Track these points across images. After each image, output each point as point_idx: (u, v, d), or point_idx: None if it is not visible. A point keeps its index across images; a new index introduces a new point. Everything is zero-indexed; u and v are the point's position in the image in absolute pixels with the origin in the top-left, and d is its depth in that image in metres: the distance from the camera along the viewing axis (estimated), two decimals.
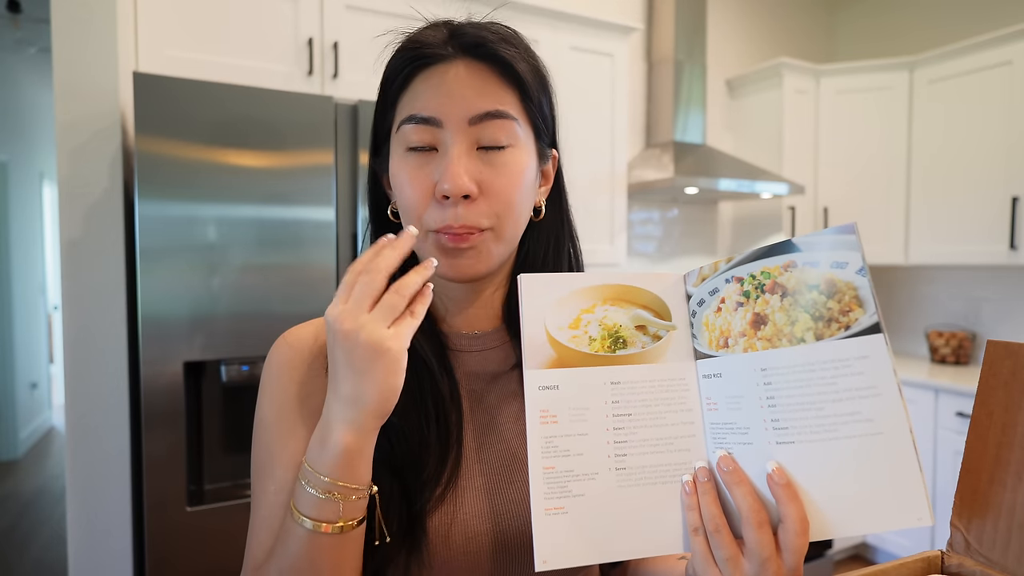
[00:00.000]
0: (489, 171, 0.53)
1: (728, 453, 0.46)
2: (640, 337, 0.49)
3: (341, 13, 1.84)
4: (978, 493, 0.46)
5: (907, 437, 0.40)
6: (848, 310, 0.42)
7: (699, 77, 2.84)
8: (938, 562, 0.48)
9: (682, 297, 0.50)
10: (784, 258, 0.45)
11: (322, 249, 1.57)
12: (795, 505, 0.42)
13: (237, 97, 1.46)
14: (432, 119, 0.53)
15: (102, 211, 1.54)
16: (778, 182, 2.66)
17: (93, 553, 1.53)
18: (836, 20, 3.54)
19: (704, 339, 0.49)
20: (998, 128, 2.52)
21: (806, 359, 0.43)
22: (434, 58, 0.54)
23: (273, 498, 0.54)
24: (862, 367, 0.41)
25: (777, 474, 0.43)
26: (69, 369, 1.51)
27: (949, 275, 3.02)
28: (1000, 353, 0.46)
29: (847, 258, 0.42)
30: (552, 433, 0.46)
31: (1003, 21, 2.67)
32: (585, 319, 0.49)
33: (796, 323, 0.44)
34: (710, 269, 0.49)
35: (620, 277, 0.50)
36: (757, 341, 0.45)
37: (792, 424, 0.43)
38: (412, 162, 0.54)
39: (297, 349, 0.59)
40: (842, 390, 0.42)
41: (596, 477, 0.46)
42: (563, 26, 2.28)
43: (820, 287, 0.43)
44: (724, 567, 0.44)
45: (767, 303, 0.45)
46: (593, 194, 2.41)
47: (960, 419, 2.41)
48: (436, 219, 0.53)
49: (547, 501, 0.45)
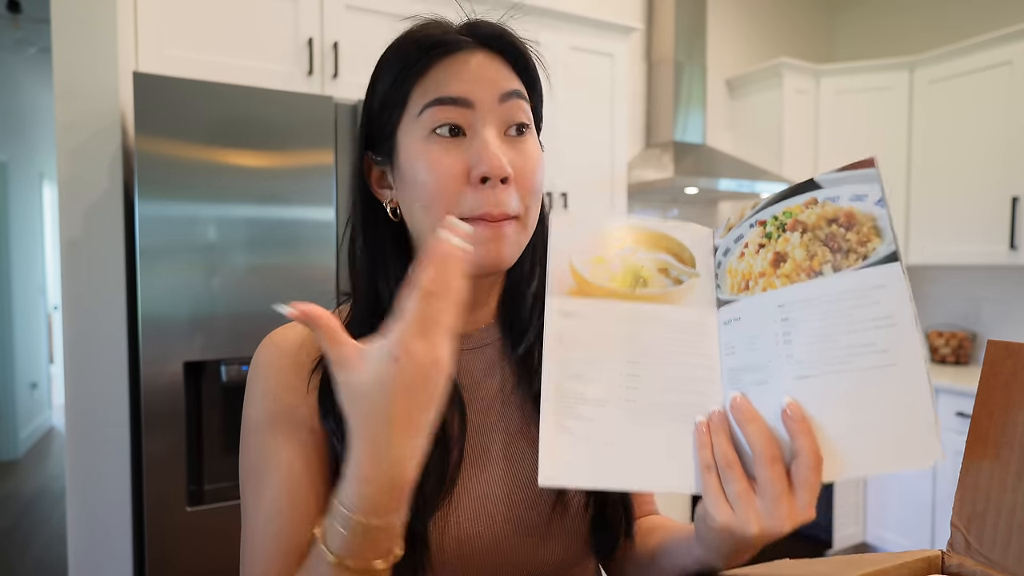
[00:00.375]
0: (517, 156, 0.53)
1: (742, 394, 0.45)
2: (661, 279, 0.49)
3: (341, 13, 1.84)
4: (978, 493, 0.46)
5: (921, 369, 0.39)
6: (866, 240, 0.42)
7: (699, 77, 2.84)
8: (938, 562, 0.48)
9: (709, 249, 0.50)
10: (806, 196, 0.45)
11: (322, 249, 1.57)
12: (808, 439, 0.41)
13: (237, 97, 1.46)
14: (463, 99, 0.52)
15: (102, 211, 1.54)
16: (778, 182, 2.66)
17: (93, 553, 1.53)
18: (836, 20, 3.53)
19: (726, 285, 0.48)
20: (998, 128, 2.52)
21: (822, 291, 0.43)
22: (454, 45, 0.53)
23: (270, 504, 0.52)
24: (879, 296, 0.41)
25: (791, 408, 0.42)
26: (69, 369, 1.51)
27: (949, 275, 3.02)
28: (1000, 353, 0.46)
29: (866, 191, 0.42)
30: (567, 356, 0.46)
31: (1003, 21, 2.67)
32: (610, 257, 0.49)
33: (815, 257, 0.44)
34: (736, 217, 0.49)
35: (650, 223, 0.50)
36: (776, 279, 0.45)
37: (807, 357, 0.43)
38: (438, 147, 0.52)
39: (284, 350, 0.57)
40: (857, 321, 0.41)
41: (606, 405, 0.46)
42: (563, 26, 2.28)
43: (840, 220, 0.43)
44: (736, 502, 0.43)
45: (788, 241, 0.45)
46: (593, 194, 2.41)
47: (960, 419, 2.41)
48: (472, 205, 0.51)
49: (555, 418, 0.45)
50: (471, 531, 0.54)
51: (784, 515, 0.42)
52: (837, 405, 0.42)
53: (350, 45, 1.85)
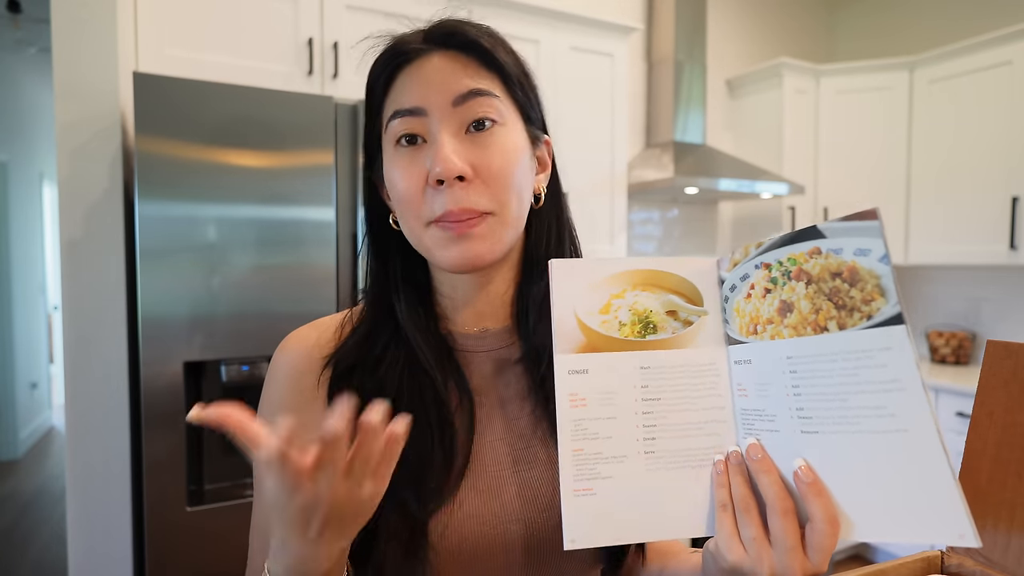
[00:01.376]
0: (480, 152, 0.53)
1: (757, 441, 0.45)
2: (671, 323, 0.49)
3: (341, 13, 1.84)
4: (978, 493, 0.46)
5: (935, 438, 0.38)
6: (870, 299, 0.41)
7: (699, 77, 2.84)
8: (938, 562, 0.48)
9: (715, 282, 0.50)
10: (809, 244, 0.45)
11: (322, 249, 1.57)
12: (822, 502, 0.41)
13: (237, 97, 1.46)
14: (416, 109, 0.53)
15: (102, 211, 1.54)
16: (778, 182, 2.66)
17: (93, 553, 1.53)
18: (836, 20, 3.53)
19: (735, 325, 0.48)
20: (998, 128, 2.52)
21: (829, 349, 0.42)
22: (412, 53, 0.54)
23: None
24: (885, 359, 0.40)
25: (803, 472, 0.42)
26: (69, 369, 1.51)
27: (949, 275, 3.02)
28: (1000, 353, 0.46)
29: (870, 245, 0.41)
30: (581, 416, 0.46)
31: (1003, 21, 2.67)
32: (615, 304, 0.49)
33: (820, 311, 0.43)
34: (741, 254, 0.49)
35: (651, 262, 0.50)
36: (784, 329, 0.45)
37: (816, 414, 0.42)
38: (404, 157, 0.54)
39: (298, 353, 0.59)
40: (864, 382, 0.41)
41: (625, 460, 0.46)
42: (563, 26, 2.28)
43: (843, 275, 0.42)
44: (750, 546, 0.43)
45: (793, 290, 0.45)
46: (593, 194, 2.41)
47: (960, 419, 2.41)
48: (434, 207, 0.52)
49: (576, 483, 0.45)
50: (475, 530, 0.54)
51: (796, 566, 0.42)
52: (849, 468, 0.41)
53: (350, 45, 1.85)
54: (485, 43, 0.54)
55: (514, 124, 0.56)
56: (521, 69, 0.58)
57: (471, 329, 0.61)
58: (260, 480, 0.47)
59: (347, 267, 1.62)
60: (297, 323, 0.62)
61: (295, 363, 0.58)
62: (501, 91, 0.55)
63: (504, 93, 0.55)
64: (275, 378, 0.59)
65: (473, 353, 0.60)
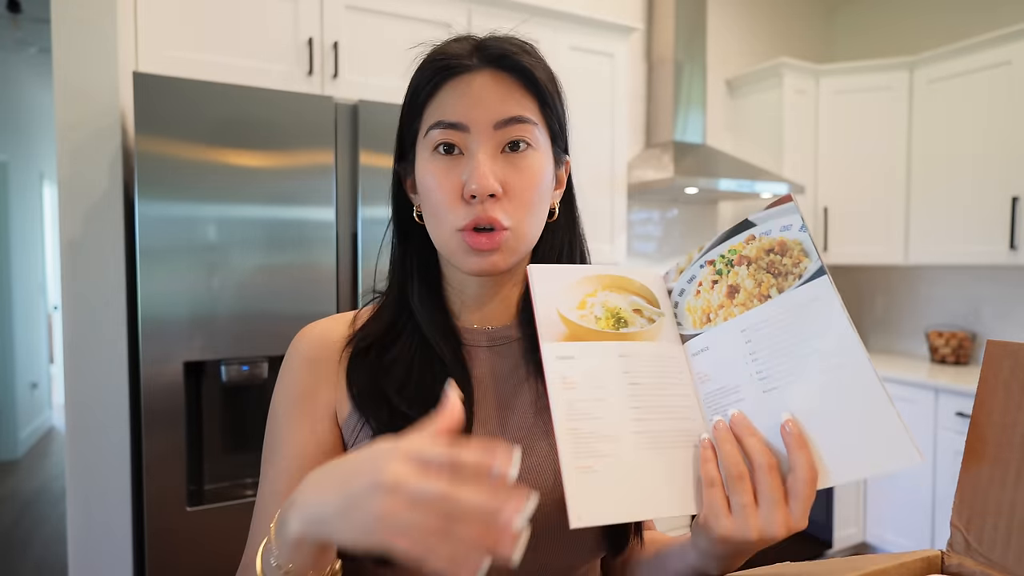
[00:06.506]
0: (512, 172, 0.57)
1: (739, 411, 0.49)
2: (638, 319, 0.55)
3: (341, 13, 1.84)
4: (978, 493, 0.46)
5: (868, 368, 0.44)
6: (799, 262, 0.50)
7: (699, 77, 2.84)
8: (938, 562, 0.48)
9: (664, 291, 0.57)
10: (745, 234, 0.53)
11: (322, 249, 1.57)
12: (805, 452, 0.45)
13: (237, 97, 1.46)
14: (459, 124, 0.56)
15: (102, 211, 1.54)
16: (778, 182, 2.66)
17: (93, 553, 1.53)
18: (836, 20, 3.53)
19: (688, 322, 0.55)
20: (998, 128, 2.52)
21: (774, 312, 0.50)
22: (460, 68, 0.57)
23: (274, 485, 0.58)
24: (817, 308, 0.47)
25: (790, 424, 0.46)
26: (69, 369, 1.51)
27: (949, 275, 3.02)
28: (1000, 353, 0.46)
29: (790, 221, 0.51)
30: (573, 397, 0.49)
31: (1003, 21, 2.67)
32: (590, 302, 0.54)
33: (762, 284, 0.51)
34: (686, 262, 0.57)
35: (614, 269, 0.57)
36: (734, 308, 0.52)
37: (772, 372, 0.48)
38: (440, 165, 0.57)
39: (313, 341, 0.62)
40: (804, 332, 0.47)
41: (619, 438, 0.48)
42: (563, 26, 2.28)
43: (775, 249, 0.51)
44: (740, 513, 0.46)
45: (737, 275, 0.53)
46: (593, 194, 2.41)
47: (960, 419, 2.41)
48: (463, 217, 0.56)
49: (577, 460, 0.46)
50: None
51: (780, 521, 0.45)
52: (805, 413, 0.46)
53: (350, 45, 1.85)
54: (530, 67, 0.58)
55: (544, 148, 0.60)
56: (556, 88, 0.62)
57: (476, 325, 0.65)
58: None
59: (347, 267, 1.62)
60: (297, 323, 0.63)
61: (312, 351, 0.62)
62: (538, 117, 0.59)
63: (540, 119, 0.60)
64: (291, 367, 0.62)
65: (481, 348, 0.63)
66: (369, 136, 1.60)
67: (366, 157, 1.60)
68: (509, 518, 0.33)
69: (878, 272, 3.30)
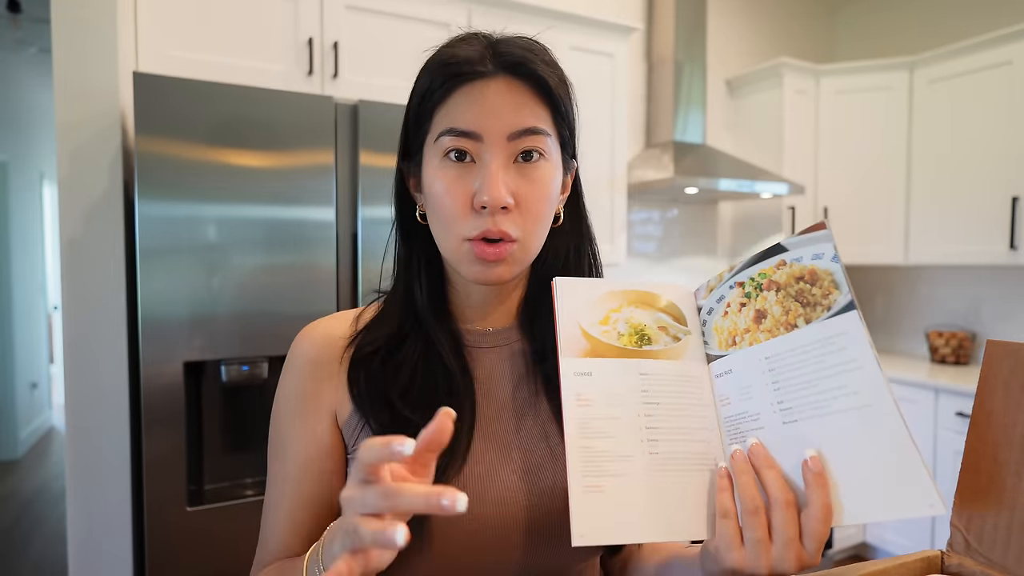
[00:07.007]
0: (524, 183, 0.56)
1: (758, 441, 0.48)
2: (663, 336, 0.54)
3: (341, 13, 1.84)
4: (978, 493, 0.46)
5: (893, 410, 0.42)
6: (828, 293, 0.47)
7: (699, 77, 2.84)
8: (938, 562, 0.48)
9: (694, 308, 0.56)
10: (776, 259, 0.52)
11: (322, 249, 1.57)
12: (823, 491, 0.43)
13: (237, 97, 1.46)
14: (473, 133, 0.55)
15: (102, 211, 1.54)
16: (778, 182, 2.66)
17: (93, 553, 1.52)
18: (836, 20, 3.53)
19: (715, 342, 0.54)
20: (998, 128, 2.52)
21: (800, 342, 0.48)
22: (475, 75, 0.56)
23: (280, 486, 0.59)
24: (844, 343, 0.45)
25: (813, 461, 0.44)
26: (69, 369, 1.51)
27: (949, 275, 3.02)
28: (1000, 353, 0.46)
29: (823, 249, 0.49)
30: (588, 415, 0.48)
31: (1003, 21, 2.67)
32: (614, 317, 0.53)
33: (790, 312, 0.49)
34: (716, 280, 0.55)
35: (641, 284, 0.56)
36: (760, 334, 0.50)
37: (794, 404, 0.47)
38: (451, 172, 0.56)
39: (315, 342, 0.62)
40: (829, 366, 0.46)
41: (631, 459, 0.48)
42: (563, 26, 2.28)
43: (805, 277, 0.49)
44: (753, 548, 0.44)
45: (765, 299, 0.51)
46: (593, 194, 2.41)
47: (960, 419, 2.41)
48: (473, 227, 0.55)
49: (585, 479, 0.46)
50: (477, 511, 0.55)
51: (793, 559, 0.44)
52: (825, 450, 0.45)
53: (350, 45, 1.85)
54: (545, 76, 0.57)
55: (555, 157, 0.59)
56: (568, 94, 0.60)
57: (478, 327, 0.65)
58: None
59: (347, 267, 1.62)
60: (297, 323, 0.64)
61: (314, 351, 0.61)
62: (551, 127, 0.58)
63: (552, 126, 0.58)
64: (293, 367, 0.62)
65: (482, 349, 0.64)
66: (369, 136, 1.60)
67: (366, 157, 1.60)
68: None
69: (878, 272, 3.30)
